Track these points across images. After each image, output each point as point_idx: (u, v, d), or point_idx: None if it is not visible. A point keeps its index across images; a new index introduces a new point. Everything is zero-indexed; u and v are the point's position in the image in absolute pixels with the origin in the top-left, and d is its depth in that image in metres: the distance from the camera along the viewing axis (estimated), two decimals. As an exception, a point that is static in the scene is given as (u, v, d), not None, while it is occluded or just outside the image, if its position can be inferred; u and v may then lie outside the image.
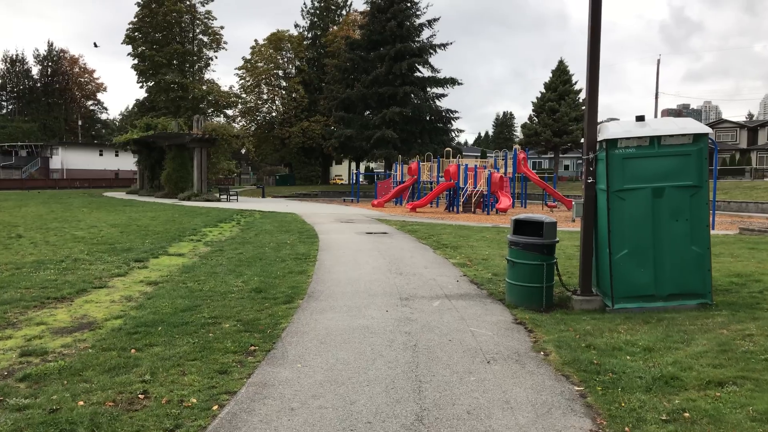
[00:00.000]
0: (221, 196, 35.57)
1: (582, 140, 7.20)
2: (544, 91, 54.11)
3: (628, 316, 6.76)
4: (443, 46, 51.54)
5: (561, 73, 53.52)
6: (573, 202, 7.38)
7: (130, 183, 56.81)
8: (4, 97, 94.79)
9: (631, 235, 7.09)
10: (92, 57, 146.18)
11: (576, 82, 53.78)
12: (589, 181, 7.49)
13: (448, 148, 37.71)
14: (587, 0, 7.45)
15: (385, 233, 16.42)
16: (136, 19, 56.57)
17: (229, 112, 64.43)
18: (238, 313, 6.73)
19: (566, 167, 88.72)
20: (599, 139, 7.39)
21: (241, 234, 15.58)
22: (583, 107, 38.48)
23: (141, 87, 60.10)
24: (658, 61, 52.75)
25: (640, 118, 7.32)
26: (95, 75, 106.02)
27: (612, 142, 7.11)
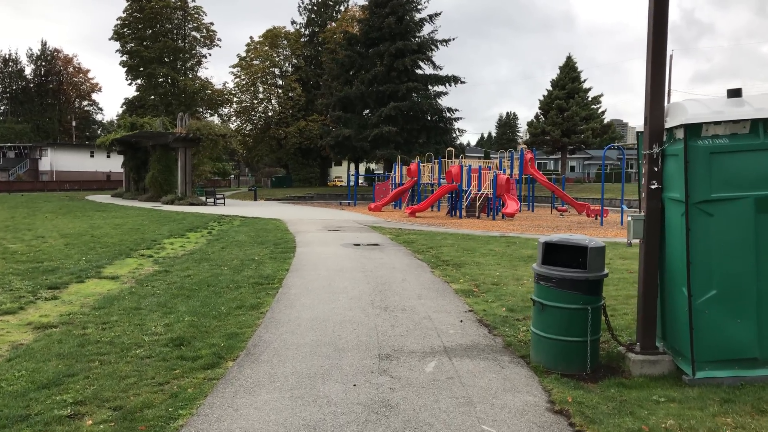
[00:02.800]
0: (207, 200, 33.26)
1: (640, 131, 4.51)
2: (551, 88, 51.65)
3: (727, 397, 4.37)
4: (445, 42, 49.26)
5: (569, 70, 51.06)
6: (628, 217, 5.04)
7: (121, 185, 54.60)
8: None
9: (723, 268, 4.73)
10: (89, 57, 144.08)
11: (585, 80, 51.38)
12: (653, 186, 5.13)
13: (450, 148, 35.33)
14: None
15: (376, 245, 14.06)
16: (124, 15, 54.38)
17: (224, 111, 62.21)
18: (124, 392, 4.37)
19: (572, 168, 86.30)
20: (670, 124, 5.03)
21: (205, 247, 13.24)
22: (593, 106, 36.05)
23: (130, 84, 57.96)
24: (671, 56, 50.31)
25: (734, 93, 4.95)
26: (90, 75, 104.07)
27: (693, 129, 4.74)
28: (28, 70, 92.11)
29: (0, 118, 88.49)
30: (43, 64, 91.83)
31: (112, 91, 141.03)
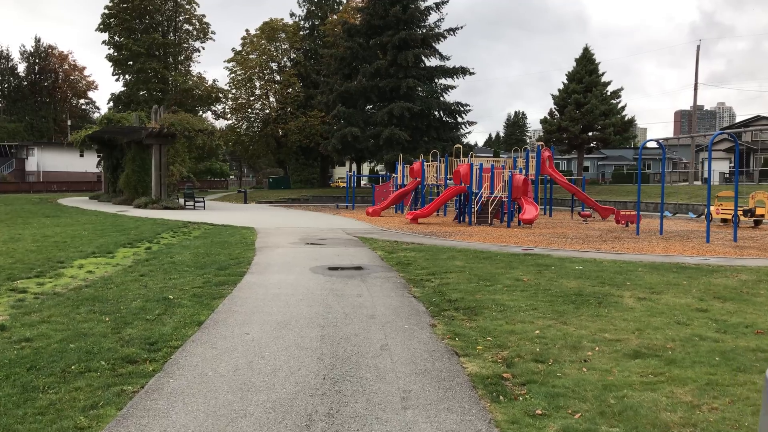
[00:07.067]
0: (186, 203, 29.66)
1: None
2: (566, 82, 47.69)
3: None
4: (452, 31, 45.51)
5: (587, 62, 47.07)
6: None
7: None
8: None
9: None
10: (96, 57, 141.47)
11: (603, 73, 47.42)
12: None
13: (458, 145, 31.55)
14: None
15: (359, 269, 10.33)
16: (111, 4, 50.83)
17: (219, 107, 58.61)
18: None
19: (586, 169, 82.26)
20: None
21: (120, 273, 9.54)
22: (612, 101, 31.81)
23: (117, 80, 54.41)
24: (698, 47, 46.40)
25: None
26: (86, 72, 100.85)
27: None
28: (21, 68, 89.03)
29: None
30: (37, 61, 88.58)
31: (110, 90, 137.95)
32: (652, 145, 38.43)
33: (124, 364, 4.97)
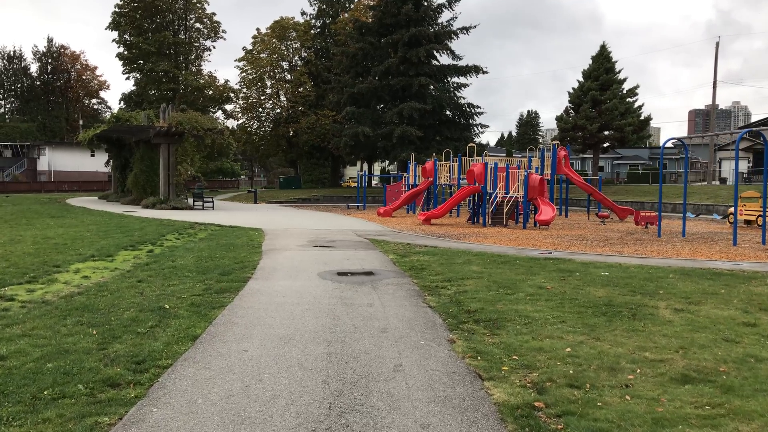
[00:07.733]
0: (195, 204, 29.21)
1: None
2: (582, 80, 46.79)
3: None
4: (465, 29, 44.81)
5: (603, 60, 46.07)
6: None
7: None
8: (0, 96, 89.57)
9: None
10: (99, 54, 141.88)
11: (620, 71, 46.44)
12: None
13: (471, 144, 30.85)
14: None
15: (370, 275, 9.73)
16: (122, 2, 50.57)
17: (229, 107, 58.21)
18: None
19: (600, 169, 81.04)
20: None
21: (118, 279, 9.01)
22: (629, 99, 30.96)
23: (127, 79, 54.21)
24: (717, 44, 45.36)
25: None
26: (98, 72, 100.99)
27: None
28: (34, 68, 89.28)
29: (6, 116, 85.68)
30: (49, 61, 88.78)
31: (121, 90, 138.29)
32: (669, 144, 37.40)
33: (104, 388, 4.40)
